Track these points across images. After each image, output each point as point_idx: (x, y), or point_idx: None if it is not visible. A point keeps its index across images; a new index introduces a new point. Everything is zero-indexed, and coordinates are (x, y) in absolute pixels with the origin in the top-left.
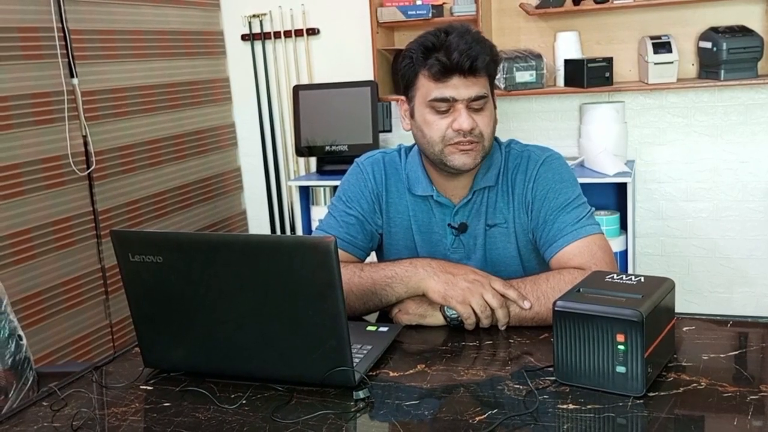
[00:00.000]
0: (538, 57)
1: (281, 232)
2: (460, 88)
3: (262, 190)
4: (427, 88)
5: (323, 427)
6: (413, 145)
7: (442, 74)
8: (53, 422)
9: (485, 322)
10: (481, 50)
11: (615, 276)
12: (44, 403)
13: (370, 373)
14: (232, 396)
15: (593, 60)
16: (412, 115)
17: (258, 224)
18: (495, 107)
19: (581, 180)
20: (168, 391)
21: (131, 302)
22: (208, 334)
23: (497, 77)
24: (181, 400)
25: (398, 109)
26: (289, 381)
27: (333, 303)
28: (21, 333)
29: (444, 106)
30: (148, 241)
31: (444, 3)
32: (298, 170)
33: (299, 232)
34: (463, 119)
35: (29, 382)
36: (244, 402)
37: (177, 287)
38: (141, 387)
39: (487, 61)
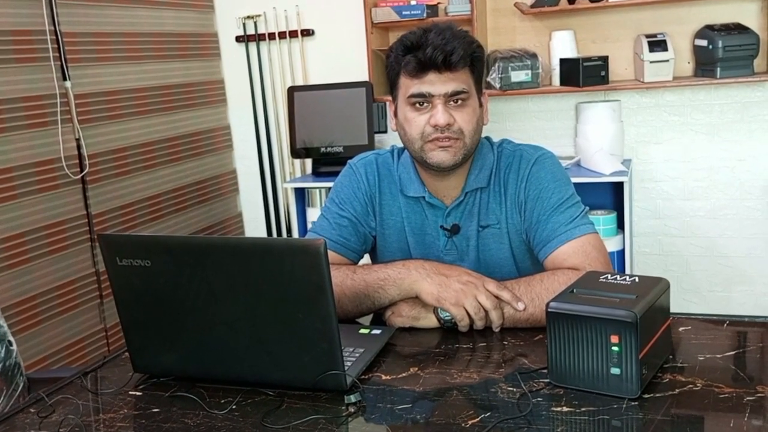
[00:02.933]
0: (534, 56)
1: (277, 235)
2: (436, 83)
3: (258, 192)
4: (406, 85)
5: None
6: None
7: (418, 70)
8: (40, 429)
9: (479, 324)
10: (458, 45)
11: (609, 276)
12: (32, 410)
13: (363, 377)
14: (222, 401)
15: (589, 59)
16: (397, 115)
17: (254, 227)
18: (481, 105)
19: (577, 180)
20: (157, 397)
21: (120, 307)
22: (198, 339)
23: (492, 77)
24: (170, 406)
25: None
26: (279, 385)
27: (323, 306)
28: (11, 338)
29: (422, 102)
30: (136, 245)
31: (438, 3)
32: (293, 172)
33: (295, 234)
34: (439, 114)
35: (19, 388)
36: (234, 407)
37: (166, 291)
38: (130, 393)
39: (462, 55)
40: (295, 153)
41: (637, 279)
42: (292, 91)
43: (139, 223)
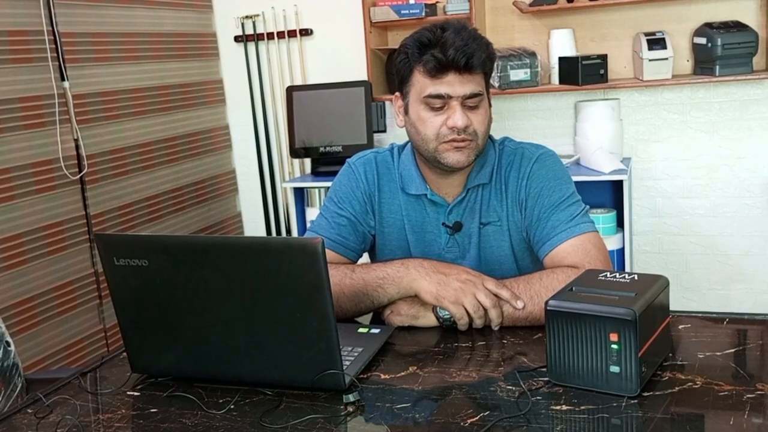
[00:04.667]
0: (533, 55)
1: (276, 234)
2: (455, 84)
3: (258, 192)
4: (422, 84)
5: (312, 431)
6: (406, 144)
7: (438, 70)
8: (38, 430)
9: (478, 323)
10: (477, 47)
11: (608, 274)
12: (29, 411)
13: (361, 376)
14: (221, 401)
15: (588, 57)
16: (406, 112)
17: (254, 227)
18: (490, 105)
19: (577, 178)
20: (155, 397)
21: (117, 307)
22: (196, 338)
23: (491, 75)
24: (168, 406)
25: (393, 105)
26: (278, 385)
27: (321, 305)
28: (9, 339)
29: (439, 102)
30: (133, 245)
31: (437, 2)
32: (293, 172)
33: (294, 233)
34: (457, 117)
35: (17, 389)
36: (232, 407)
37: (163, 291)
38: (128, 393)
39: (482, 59)
40: (294, 153)
41: (636, 277)
42: (290, 90)
43: (138, 223)
